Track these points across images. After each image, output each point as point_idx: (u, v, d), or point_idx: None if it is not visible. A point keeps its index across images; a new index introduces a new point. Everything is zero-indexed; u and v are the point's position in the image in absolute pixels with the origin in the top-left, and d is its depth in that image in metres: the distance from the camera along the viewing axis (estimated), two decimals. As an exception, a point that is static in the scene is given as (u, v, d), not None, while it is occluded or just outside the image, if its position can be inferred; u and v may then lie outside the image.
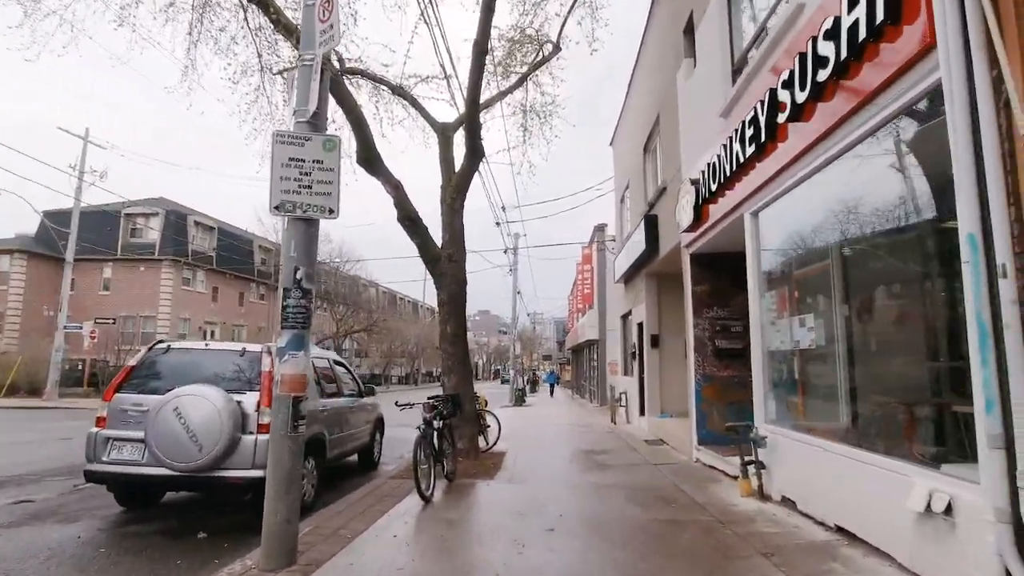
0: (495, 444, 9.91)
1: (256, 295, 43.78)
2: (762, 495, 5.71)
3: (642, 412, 13.45)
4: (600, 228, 24.32)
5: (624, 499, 6.06)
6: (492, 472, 7.64)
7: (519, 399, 24.85)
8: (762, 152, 5.61)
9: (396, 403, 7.05)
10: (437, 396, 6.97)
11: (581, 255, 26.16)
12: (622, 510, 5.59)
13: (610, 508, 5.70)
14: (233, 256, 38.79)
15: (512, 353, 29.04)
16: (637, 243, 12.06)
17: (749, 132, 5.75)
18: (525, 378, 40.13)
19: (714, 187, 6.97)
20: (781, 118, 5.04)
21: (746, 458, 5.88)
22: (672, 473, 7.48)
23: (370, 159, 8.20)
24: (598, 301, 24.18)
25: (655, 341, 12.50)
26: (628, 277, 14.69)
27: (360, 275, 51.19)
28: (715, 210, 7.34)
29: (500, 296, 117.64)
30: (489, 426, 10.41)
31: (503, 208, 18.76)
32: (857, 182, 4.70)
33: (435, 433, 6.58)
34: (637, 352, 13.81)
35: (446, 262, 8.58)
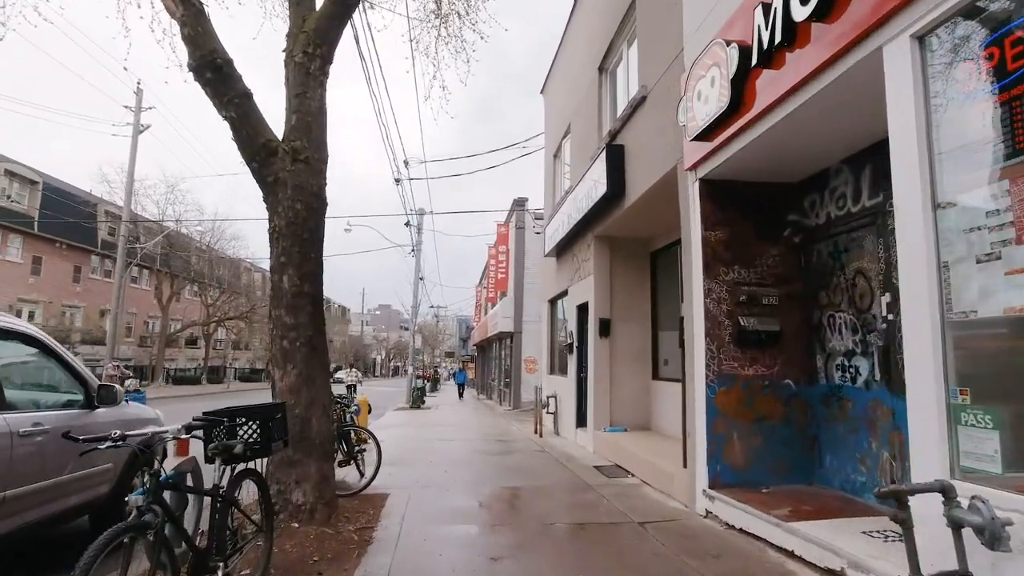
0: (373, 479, 6.09)
1: (101, 271, 36.11)
2: (982, 659, 2.44)
3: (581, 423, 10.16)
4: (520, 202, 21.02)
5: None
6: (352, 559, 3.86)
7: (417, 400, 20.93)
8: None
9: (65, 435, 2.97)
10: (219, 413, 3.09)
11: (496, 235, 22.72)
12: None
13: None
14: (68, 221, 31.15)
15: (411, 347, 24.95)
16: (589, 191, 8.74)
17: None
18: (425, 376, 36.13)
19: (802, 14, 3.67)
20: None
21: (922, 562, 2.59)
22: (690, 551, 4.10)
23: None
24: (514, 287, 20.86)
25: (605, 328, 9.25)
26: (564, 247, 11.38)
27: (243, 257, 44.47)
28: (778, 79, 4.08)
29: (403, 289, 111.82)
30: (364, 449, 6.57)
31: (406, 163, 15.05)
32: None
33: (200, 510, 2.76)
34: (575, 343, 10.51)
35: (286, 161, 4.66)
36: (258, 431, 3.19)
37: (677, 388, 8.41)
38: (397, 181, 15.34)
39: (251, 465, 3.24)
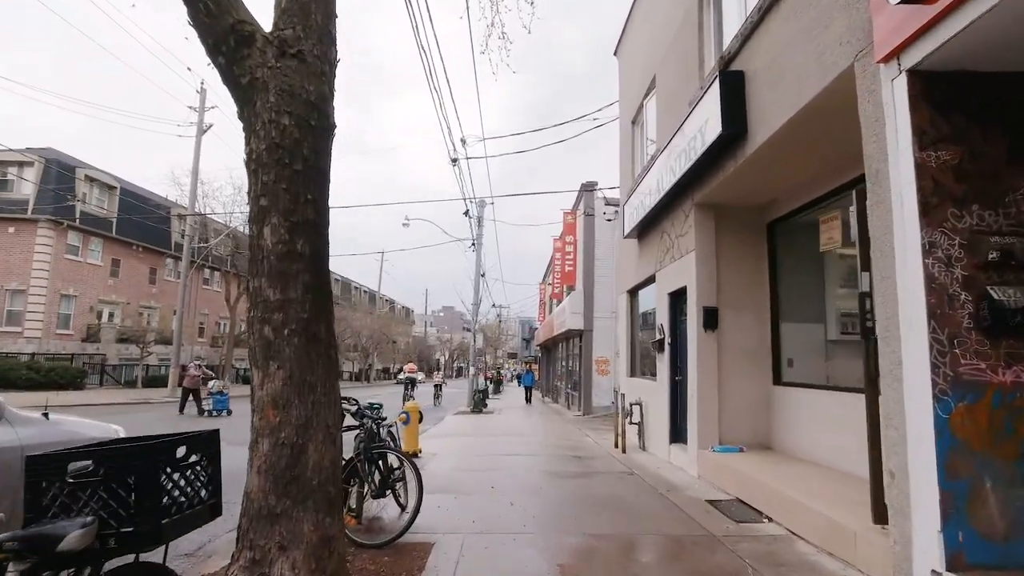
0: (414, 518, 4.44)
1: (174, 273, 37.03)
2: None
3: (676, 438, 8.20)
4: (588, 186, 19.11)
5: None
6: None
7: (479, 404, 19.42)
8: None
9: None
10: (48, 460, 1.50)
11: (562, 224, 20.89)
12: None
13: None
14: (143, 224, 32.02)
15: (473, 346, 23.52)
16: (690, 142, 6.80)
17: None
18: (487, 377, 34.80)
19: None
20: None
21: None
22: None
23: None
24: (584, 281, 18.98)
25: (711, 319, 7.26)
26: (650, 223, 9.44)
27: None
28: None
29: (464, 287, 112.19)
30: (401, 479, 4.96)
31: (463, 141, 13.50)
32: None
33: None
34: (667, 339, 8.56)
35: (267, 53, 3.10)
36: (121, 498, 1.56)
37: (807, 396, 6.34)
38: (454, 161, 13.82)
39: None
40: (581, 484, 6.80)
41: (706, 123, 6.25)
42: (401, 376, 23.20)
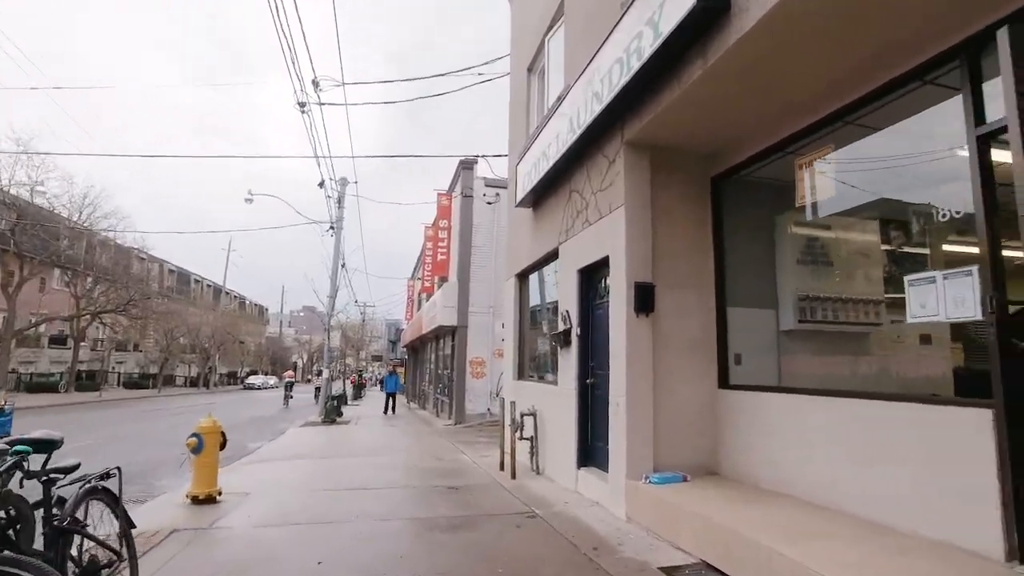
0: None
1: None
2: None
3: (587, 460, 6.19)
4: (467, 166, 16.88)
5: None
6: None
7: (332, 413, 16.25)
8: None
9: None
10: None
11: (436, 208, 18.42)
12: None
13: None
14: None
15: (326, 346, 20.05)
16: (628, 47, 4.81)
17: None
18: (353, 382, 31.21)
19: None
20: None
21: None
22: None
23: None
24: (459, 271, 16.68)
25: (645, 299, 5.31)
26: (553, 182, 7.40)
27: (135, 246, 37.52)
28: None
29: (321, 280, 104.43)
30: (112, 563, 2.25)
31: (315, 83, 10.37)
32: None
33: None
34: (576, 331, 6.53)
35: None
36: None
37: (781, 404, 4.63)
38: (301, 105, 10.74)
39: None
40: (466, 542, 4.45)
41: (661, 7, 4.28)
42: (274, 381, 30.80)
